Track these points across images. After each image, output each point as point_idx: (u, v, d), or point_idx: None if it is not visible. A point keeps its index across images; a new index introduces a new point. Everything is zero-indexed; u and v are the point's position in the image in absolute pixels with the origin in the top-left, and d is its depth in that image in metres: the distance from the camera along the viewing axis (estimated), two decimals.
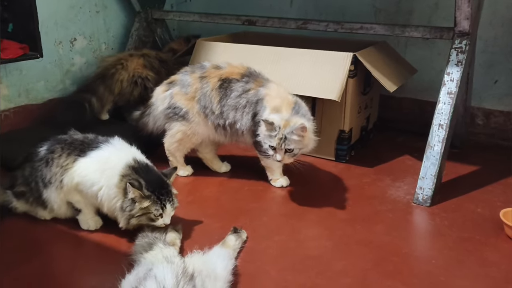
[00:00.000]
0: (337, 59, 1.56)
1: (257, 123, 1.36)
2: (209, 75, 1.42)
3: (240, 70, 1.42)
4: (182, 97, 1.43)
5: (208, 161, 1.57)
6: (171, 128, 1.46)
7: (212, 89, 1.40)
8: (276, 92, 1.38)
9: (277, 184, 1.48)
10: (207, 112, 1.41)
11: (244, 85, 1.39)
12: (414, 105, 2.00)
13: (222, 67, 1.44)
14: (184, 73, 1.47)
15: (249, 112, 1.39)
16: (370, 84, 1.76)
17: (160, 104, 1.47)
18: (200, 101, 1.41)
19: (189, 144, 1.48)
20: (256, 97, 1.38)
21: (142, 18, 2.15)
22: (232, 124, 1.40)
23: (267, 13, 2.19)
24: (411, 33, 1.54)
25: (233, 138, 1.45)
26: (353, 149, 1.73)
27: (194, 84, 1.42)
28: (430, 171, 1.38)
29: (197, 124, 1.44)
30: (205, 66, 1.45)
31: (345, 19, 2.04)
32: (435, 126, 1.40)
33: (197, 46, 1.85)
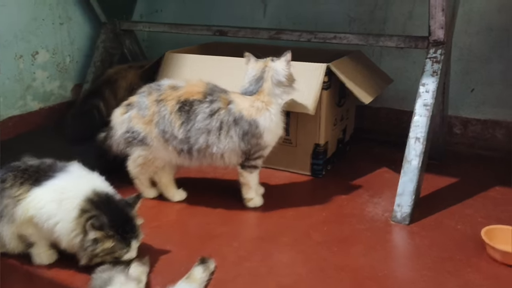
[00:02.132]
0: (310, 70, 1.50)
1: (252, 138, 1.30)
2: (166, 98, 1.31)
3: (200, 88, 1.32)
4: (140, 120, 1.32)
5: (162, 185, 1.44)
6: (132, 153, 1.36)
7: (171, 113, 1.29)
8: (247, 102, 1.31)
9: (250, 204, 1.41)
10: (167, 136, 1.30)
11: (210, 106, 1.29)
12: (391, 115, 1.96)
13: (179, 87, 1.33)
14: (142, 94, 1.36)
15: (231, 134, 1.29)
16: (346, 95, 1.71)
17: (119, 128, 1.36)
18: (159, 125, 1.30)
19: (152, 168, 1.38)
20: (232, 116, 1.29)
21: (108, 29, 2.06)
22: (203, 148, 1.30)
23: (239, 22, 2.13)
24: (385, 43, 1.49)
25: (202, 161, 1.34)
26: (329, 163, 1.67)
27: (151, 107, 1.31)
28: (407, 187, 1.32)
29: (156, 149, 1.33)
30: (162, 87, 1.34)
31: (319, 28, 1.99)
32: (412, 139, 1.35)
33: (166, 58, 1.77)
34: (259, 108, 1.30)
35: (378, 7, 1.87)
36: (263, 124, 1.30)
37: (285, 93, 1.33)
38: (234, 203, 1.42)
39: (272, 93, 1.31)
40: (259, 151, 1.35)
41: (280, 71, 1.31)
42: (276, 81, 1.31)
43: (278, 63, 1.33)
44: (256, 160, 1.37)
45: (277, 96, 1.32)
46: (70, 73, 2.10)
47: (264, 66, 1.35)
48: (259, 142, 1.33)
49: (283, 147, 1.63)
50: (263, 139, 1.32)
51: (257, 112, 1.30)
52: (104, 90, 1.88)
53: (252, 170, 1.37)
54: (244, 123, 1.30)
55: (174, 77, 1.71)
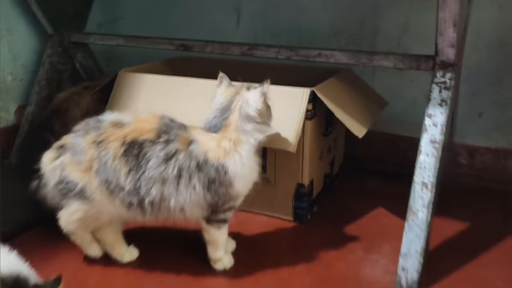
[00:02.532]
0: (291, 97, 1.23)
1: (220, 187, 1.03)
2: (108, 138, 1.02)
3: (151, 125, 1.03)
4: (75, 168, 1.03)
5: (108, 244, 1.15)
6: (68, 206, 1.06)
7: (115, 158, 1.00)
8: (213, 141, 1.03)
9: (218, 266, 1.13)
10: (111, 188, 1.01)
11: (166, 147, 1.00)
12: (384, 140, 1.69)
13: (125, 124, 1.04)
14: (77, 133, 1.06)
15: (194, 183, 1.01)
16: (333, 122, 1.44)
17: (50, 177, 1.06)
18: (100, 174, 1.01)
19: (93, 224, 1.09)
20: (194, 161, 1.01)
21: (55, 42, 1.76)
22: (157, 201, 1.01)
23: (209, 34, 1.85)
24: (381, 62, 1.23)
25: (158, 216, 1.06)
26: (315, 203, 1.39)
27: (89, 150, 1.02)
28: (414, 246, 1.06)
29: (100, 203, 1.04)
30: (102, 124, 1.05)
31: (301, 40, 1.72)
32: (417, 185, 1.08)
33: (119, 78, 1.48)
34: (227, 149, 1.02)
35: (367, 17, 1.60)
36: (233, 170, 1.02)
37: (258, 131, 1.05)
38: (199, 263, 1.14)
39: (241, 129, 1.03)
40: (229, 202, 1.07)
41: (251, 104, 1.03)
42: (245, 115, 1.03)
43: (252, 93, 1.05)
44: (226, 213, 1.09)
45: (248, 133, 1.04)
46: (13, 93, 1.79)
47: (234, 94, 1.07)
48: (229, 192, 1.04)
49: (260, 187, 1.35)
50: (234, 187, 1.04)
51: (225, 154, 1.02)
52: (53, 122, 1.56)
53: (220, 225, 1.10)
54: (209, 168, 1.01)
55: (129, 103, 1.43)
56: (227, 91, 1.08)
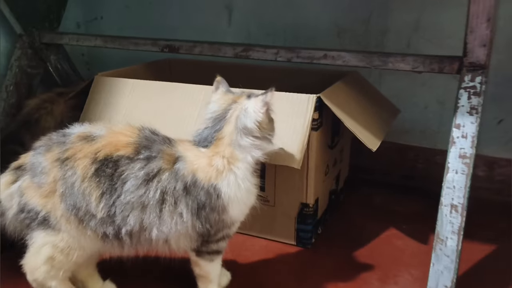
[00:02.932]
0: (294, 104, 1.07)
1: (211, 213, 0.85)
2: (75, 155, 0.83)
3: (128, 138, 0.85)
4: (36, 192, 0.84)
5: (79, 280, 0.97)
6: (33, 242, 0.86)
7: (84, 179, 0.82)
8: (203, 159, 0.86)
9: None
10: (80, 215, 0.83)
11: (146, 166, 0.83)
12: (392, 150, 1.54)
13: (96, 137, 0.85)
14: (37, 151, 0.87)
15: (180, 210, 0.83)
16: (339, 132, 1.28)
17: (8, 205, 0.87)
18: (66, 198, 0.83)
19: (67, 264, 0.87)
20: (181, 182, 0.83)
21: (25, 43, 1.57)
22: (136, 231, 0.83)
23: (198, 34, 1.69)
24: (396, 65, 1.07)
25: (139, 248, 0.88)
26: (320, 224, 1.23)
27: (52, 170, 0.84)
28: (443, 280, 0.90)
29: (69, 234, 0.85)
30: (68, 138, 0.86)
31: (299, 41, 1.56)
32: (446, 208, 0.93)
33: (95, 83, 1.30)
34: (220, 168, 0.85)
35: (375, 15, 1.45)
36: (227, 193, 0.85)
37: (257, 148, 0.87)
38: None
39: (236, 144, 0.86)
40: (222, 231, 0.90)
41: (250, 114, 0.86)
42: (242, 127, 0.86)
43: (252, 102, 0.88)
44: (219, 243, 0.91)
45: (245, 150, 0.86)
46: None
47: (231, 102, 0.90)
48: (222, 219, 0.87)
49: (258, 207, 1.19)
50: (228, 213, 0.87)
51: (217, 174, 0.85)
52: (23, 134, 1.36)
53: (212, 257, 0.92)
54: (199, 191, 0.84)
55: (106, 111, 1.25)
56: (223, 98, 0.91)
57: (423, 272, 1.05)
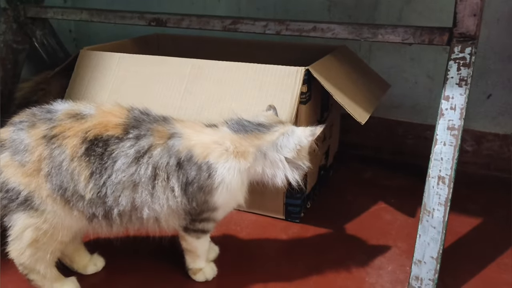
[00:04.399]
0: (283, 77, 1.06)
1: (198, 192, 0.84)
2: (64, 133, 0.81)
3: (117, 119, 0.83)
4: (17, 170, 0.81)
5: (66, 256, 0.96)
6: (13, 225, 0.83)
7: (73, 158, 0.80)
8: (208, 137, 0.85)
9: (199, 277, 0.96)
10: (67, 196, 0.81)
11: (135, 144, 0.81)
12: (382, 126, 1.54)
13: (86, 116, 0.83)
14: (18, 126, 0.83)
15: (172, 184, 0.82)
16: (329, 107, 1.27)
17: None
18: (52, 178, 0.81)
19: (53, 244, 0.85)
20: (175, 157, 0.82)
21: (10, 18, 1.54)
22: (127, 211, 0.82)
23: (188, 9, 1.66)
24: (386, 37, 1.06)
25: (128, 227, 0.86)
26: (309, 199, 1.23)
27: (36, 148, 0.81)
28: (429, 251, 0.90)
29: (54, 215, 0.82)
30: (55, 114, 0.83)
31: (289, 16, 1.54)
32: (433, 179, 0.93)
33: (81, 57, 1.28)
34: (228, 149, 0.84)
35: None
36: (222, 174, 0.83)
37: (273, 168, 0.86)
38: (175, 273, 0.97)
39: (262, 151, 0.84)
40: (206, 212, 0.89)
41: (297, 135, 0.86)
42: (281, 144, 0.85)
43: (301, 128, 0.88)
44: (204, 224, 0.91)
45: (262, 160, 0.85)
46: None
47: (279, 122, 0.89)
48: (207, 200, 0.85)
49: None
50: (213, 197, 0.85)
51: (220, 154, 0.84)
52: None
53: (199, 235, 0.92)
54: (192, 166, 0.82)
55: (92, 86, 1.23)
56: (273, 117, 0.91)
57: (410, 245, 1.06)
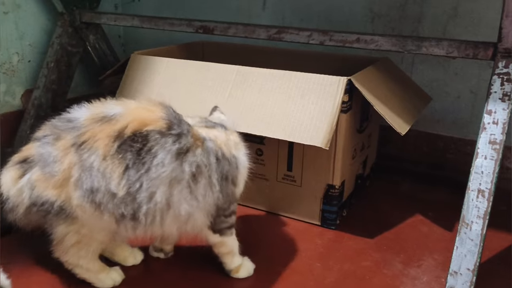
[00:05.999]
0: (325, 86, 1.08)
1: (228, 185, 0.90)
2: (94, 137, 0.81)
3: (156, 114, 0.84)
4: (48, 182, 0.82)
5: (109, 250, 1.00)
6: (54, 232, 0.87)
7: (105, 157, 0.80)
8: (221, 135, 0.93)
9: (243, 273, 0.99)
10: (98, 198, 0.80)
11: (177, 140, 0.82)
12: (421, 140, 1.53)
13: (114, 116, 0.82)
14: (43, 141, 0.84)
15: (213, 181, 0.86)
16: (368, 117, 1.29)
17: (17, 201, 0.85)
18: (82, 184, 0.80)
19: (94, 244, 0.89)
20: (213, 156, 0.87)
21: (66, 22, 1.63)
22: (159, 209, 0.82)
23: (233, 17, 1.71)
24: (431, 50, 1.07)
25: (148, 231, 0.86)
26: (345, 207, 1.25)
27: (65, 157, 0.81)
28: (466, 263, 0.90)
29: (88, 219, 0.84)
30: (77, 122, 0.83)
31: (332, 27, 1.57)
32: (473, 192, 0.93)
33: (131, 61, 1.34)
34: (237, 141, 0.95)
35: (411, 1, 1.44)
36: (243, 161, 0.94)
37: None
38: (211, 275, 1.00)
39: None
40: (233, 204, 0.95)
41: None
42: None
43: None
44: (232, 217, 0.96)
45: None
46: (20, 75, 1.67)
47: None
48: (234, 191, 0.92)
49: (284, 186, 1.21)
50: (237, 186, 0.93)
51: (235, 145, 0.93)
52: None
53: (232, 230, 0.97)
54: (225, 162, 0.88)
55: (141, 88, 1.29)
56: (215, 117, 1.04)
57: (446, 257, 1.06)
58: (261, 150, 1.23)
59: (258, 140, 1.22)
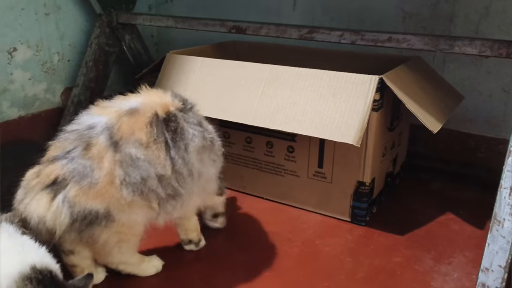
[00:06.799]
0: (357, 84, 1.10)
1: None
2: (128, 130, 0.84)
3: (168, 97, 0.93)
4: (89, 194, 0.81)
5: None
6: (95, 239, 0.86)
7: (148, 144, 0.84)
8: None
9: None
10: (148, 186, 0.84)
11: (194, 114, 0.94)
12: (453, 138, 1.53)
13: (137, 108, 0.87)
14: (69, 156, 0.83)
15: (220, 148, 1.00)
16: (399, 115, 1.30)
17: (55, 224, 0.82)
18: (130, 178, 0.83)
19: (133, 239, 0.92)
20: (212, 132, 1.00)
21: (104, 23, 1.70)
22: (195, 180, 0.90)
23: (264, 17, 1.75)
24: (463, 49, 1.08)
25: (187, 204, 0.94)
26: (375, 204, 1.26)
27: (103, 161, 0.82)
28: (497, 260, 0.91)
29: (130, 217, 0.86)
30: (103, 123, 0.85)
31: (363, 26, 1.58)
32: (505, 190, 0.93)
33: (167, 60, 1.39)
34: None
35: (442, 0, 1.44)
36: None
37: None
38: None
39: None
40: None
41: None
42: None
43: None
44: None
45: None
46: (60, 74, 1.74)
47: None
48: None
49: (315, 182, 1.24)
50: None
51: None
52: None
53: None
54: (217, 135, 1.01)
55: (177, 86, 1.34)
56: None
57: (477, 255, 1.06)
58: (292, 147, 1.26)
59: (289, 137, 1.25)
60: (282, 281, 0.99)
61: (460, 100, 1.33)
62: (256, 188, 1.35)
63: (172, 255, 1.06)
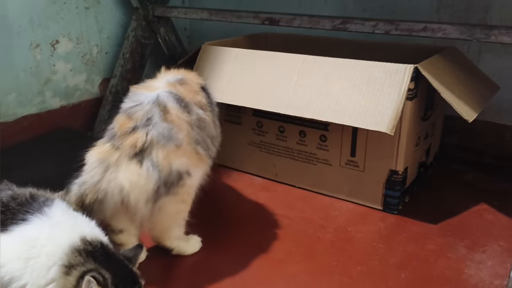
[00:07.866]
0: (391, 74, 1.11)
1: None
2: (189, 96, 0.95)
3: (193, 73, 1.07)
4: (176, 154, 0.88)
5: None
6: (163, 210, 0.90)
7: (205, 109, 0.98)
8: None
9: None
10: (209, 144, 0.98)
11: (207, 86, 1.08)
12: (488, 130, 1.51)
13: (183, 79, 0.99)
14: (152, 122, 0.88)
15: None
16: (433, 105, 1.30)
17: (142, 190, 0.87)
18: (201, 138, 0.95)
19: (187, 211, 0.99)
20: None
21: (140, 16, 1.75)
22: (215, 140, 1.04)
23: (295, 9, 1.76)
24: (500, 38, 1.07)
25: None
26: (407, 193, 1.27)
27: (181, 123, 0.90)
28: None
29: (198, 172, 0.96)
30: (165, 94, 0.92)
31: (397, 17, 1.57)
32: None
33: (202, 51, 1.43)
34: None
35: None
36: None
37: None
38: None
39: None
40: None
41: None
42: None
43: None
44: None
45: None
46: (98, 65, 1.81)
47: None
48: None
49: (347, 171, 1.26)
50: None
51: None
52: None
53: None
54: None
55: (212, 76, 1.37)
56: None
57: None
58: (325, 136, 1.27)
59: (322, 126, 1.26)
60: (316, 264, 1.02)
61: (496, 90, 1.31)
62: (288, 177, 1.37)
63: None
